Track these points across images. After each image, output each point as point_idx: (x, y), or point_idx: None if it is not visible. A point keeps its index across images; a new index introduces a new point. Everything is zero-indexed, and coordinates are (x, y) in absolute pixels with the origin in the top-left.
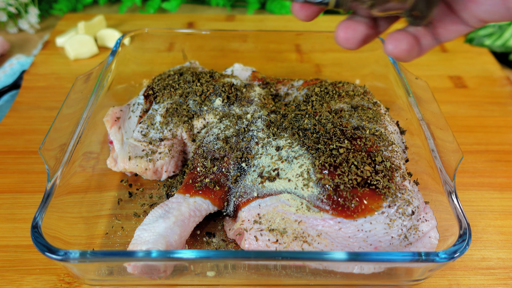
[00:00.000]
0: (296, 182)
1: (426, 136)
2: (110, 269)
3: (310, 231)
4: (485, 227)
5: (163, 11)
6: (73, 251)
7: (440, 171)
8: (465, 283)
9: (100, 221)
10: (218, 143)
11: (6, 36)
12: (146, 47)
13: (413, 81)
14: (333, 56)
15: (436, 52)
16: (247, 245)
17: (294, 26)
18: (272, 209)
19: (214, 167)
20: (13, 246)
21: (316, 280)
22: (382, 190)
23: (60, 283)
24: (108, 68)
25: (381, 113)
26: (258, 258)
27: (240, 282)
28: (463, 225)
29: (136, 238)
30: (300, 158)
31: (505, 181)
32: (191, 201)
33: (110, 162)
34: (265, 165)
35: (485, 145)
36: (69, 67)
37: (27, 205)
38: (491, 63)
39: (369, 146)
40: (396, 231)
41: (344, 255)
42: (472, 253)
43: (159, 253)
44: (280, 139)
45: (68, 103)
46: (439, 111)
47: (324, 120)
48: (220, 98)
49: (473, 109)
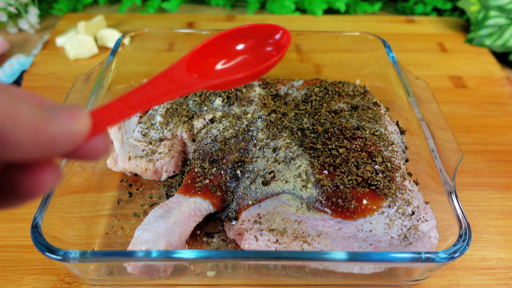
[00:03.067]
0: (294, 183)
1: (426, 136)
2: (110, 269)
3: (310, 231)
4: (485, 227)
5: (163, 11)
6: (73, 251)
7: (440, 171)
8: (465, 283)
9: (100, 221)
10: (216, 145)
11: (6, 36)
12: (146, 47)
13: (413, 81)
14: (333, 56)
15: (436, 52)
16: (247, 245)
17: (294, 26)
18: (272, 209)
19: (213, 169)
20: (13, 246)
21: (316, 280)
22: (382, 190)
23: (60, 283)
24: (108, 68)
25: (381, 113)
26: (258, 258)
27: (240, 282)
28: (463, 225)
29: (136, 238)
30: (298, 158)
31: (505, 181)
32: (191, 201)
33: (110, 162)
34: (260, 169)
35: (485, 145)
36: (69, 67)
37: (27, 205)
38: (491, 63)
39: (369, 146)
40: (396, 231)
41: (344, 255)
42: (472, 253)
43: (159, 253)
44: (279, 139)
45: (68, 103)
46: (439, 111)
47: (324, 120)
48: (220, 98)
49: (473, 109)
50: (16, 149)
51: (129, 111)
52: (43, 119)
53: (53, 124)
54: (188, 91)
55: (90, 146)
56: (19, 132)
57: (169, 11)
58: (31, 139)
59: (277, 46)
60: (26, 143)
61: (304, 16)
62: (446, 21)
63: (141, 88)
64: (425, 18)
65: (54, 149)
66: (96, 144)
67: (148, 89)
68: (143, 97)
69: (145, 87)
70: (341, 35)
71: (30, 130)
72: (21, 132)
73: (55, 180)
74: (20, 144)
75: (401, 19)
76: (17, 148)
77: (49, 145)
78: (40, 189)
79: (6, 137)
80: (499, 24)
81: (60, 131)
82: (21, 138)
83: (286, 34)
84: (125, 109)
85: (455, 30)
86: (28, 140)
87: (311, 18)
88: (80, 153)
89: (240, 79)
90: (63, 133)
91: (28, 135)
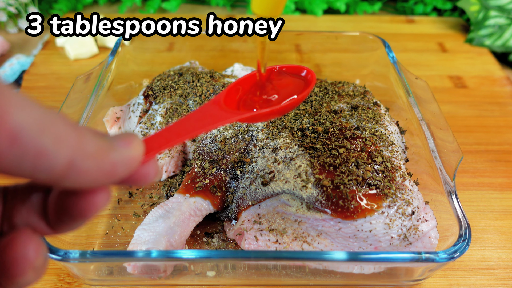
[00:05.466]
0: (294, 183)
1: (426, 136)
2: (110, 269)
3: (310, 231)
4: (485, 227)
5: (163, 11)
6: (73, 251)
7: (440, 171)
8: (465, 283)
9: (100, 221)
10: (216, 145)
11: (6, 36)
12: (146, 47)
13: (413, 81)
14: (333, 56)
15: (436, 52)
16: (247, 245)
17: (294, 26)
18: (272, 209)
19: (213, 169)
20: None
21: (316, 280)
22: (382, 190)
23: (60, 283)
24: (108, 68)
25: (381, 113)
26: (258, 258)
27: (240, 282)
28: (463, 225)
29: (136, 238)
30: (298, 158)
31: (505, 181)
32: (191, 201)
33: None
34: (260, 169)
35: (485, 145)
36: (69, 67)
37: None
38: (491, 63)
39: (369, 146)
40: (396, 231)
41: (344, 255)
42: (472, 253)
43: (159, 253)
44: (278, 139)
45: (68, 103)
46: (439, 111)
47: (324, 120)
48: None
49: (473, 109)
50: (83, 178)
51: (175, 138)
52: (106, 148)
53: (114, 151)
54: (224, 123)
55: (142, 171)
56: (86, 162)
57: (169, 11)
58: (96, 168)
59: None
60: (92, 171)
61: (304, 16)
62: (446, 21)
63: (185, 119)
64: (425, 18)
65: (115, 175)
66: (147, 169)
67: (191, 120)
68: (188, 127)
69: (189, 118)
70: (341, 35)
71: (95, 159)
72: (88, 162)
73: (107, 201)
74: (87, 173)
75: (401, 19)
76: (84, 177)
77: (111, 171)
78: (95, 210)
79: (75, 168)
80: (499, 24)
81: (119, 158)
82: (88, 167)
83: (310, 74)
84: (172, 137)
85: (455, 30)
86: (94, 168)
87: (311, 18)
88: (133, 179)
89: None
90: (122, 159)
91: (94, 164)
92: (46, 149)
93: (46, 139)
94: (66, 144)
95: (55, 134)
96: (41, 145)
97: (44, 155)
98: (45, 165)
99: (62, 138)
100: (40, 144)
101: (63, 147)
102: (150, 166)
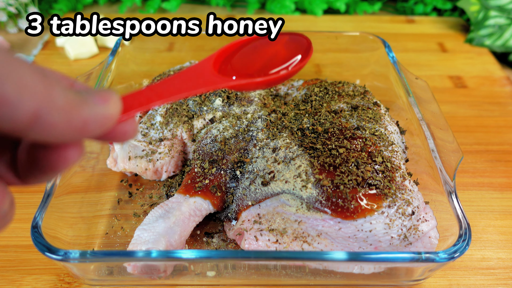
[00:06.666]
0: (294, 184)
1: (426, 136)
2: (110, 269)
3: (310, 231)
4: (485, 227)
5: (163, 11)
6: (73, 251)
7: (440, 171)
8: (465, 283)
9: (100, 221)
10: (216, 145)
11: (6, 36)
12: (146, 47)
13: (413, 81)
14: (333, 56)
15: (436, 52)
16: (247, 245)
17: (294, 26)
18: (272, 209)
19: (213, 169)
20: (13, 246)
21: (316, 280)
22: (382, 190)
23: (60, 283)
24: (108, 68)
25: (381, 113)
26: (258, 258)
27: (240, 282)
28: (463, 225)
29: (136, 238)
30: (298, 158)
31: (505, 181)
32: (191, 201)
33: (110, 162)
34: (260, 169)
35: (485, 145)
36: (69, 67)
37: (27, 205)
38: (491, 63)
39: (369, 146)
40: (396, 231)
41: (344, 255)
42: (472, 253)
43: (159, 253)
44: (278, 140)
45: None
46: (439, 111)
47: (324, 120)
48: (220, 98)
49: (473, 109)
50: (50, 131)
51: (156, 99)
52: (77, 102)
53: (86, 107)
54: (212, 87)
55: (120, 129)
56: (53, 115)
57: (169, 11)
58: (64, 122)
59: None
60: (60, 125)
61: (304, 16)
62: (446, 21)
63: (169, 79)
64: (425, 18)
65: (86, 132)
66: (125, 127)
67: (175, 81)
68: (171, 87)
69: (173, 79)
70: (341, 35)
71: (64, 113)
72: (56, 115)
73: (79, 156)
74: (54, 126)
75: (401, 19)
76: (51, 130)
77: (82, 128)
78: (65, 164)
79: (41, 120)
80: (499, 24)
81: (92, 114)
82: (55, 121)
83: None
84: (153, 97)
85: (455, 30)
86: (62, 123)
87: (311, 18)
88: (110, 136)
89: (260, 82)
90: (95, 116)
91: (62, 118)
92: (8, 96)
93: (8, 86)
94: (31, 94)
95: (19, 82)
96: (2, 91)
97: (6, 103)
98: (7, 114)
99: (27, 86)
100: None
101: (27, 96)
102: (128, 124)
